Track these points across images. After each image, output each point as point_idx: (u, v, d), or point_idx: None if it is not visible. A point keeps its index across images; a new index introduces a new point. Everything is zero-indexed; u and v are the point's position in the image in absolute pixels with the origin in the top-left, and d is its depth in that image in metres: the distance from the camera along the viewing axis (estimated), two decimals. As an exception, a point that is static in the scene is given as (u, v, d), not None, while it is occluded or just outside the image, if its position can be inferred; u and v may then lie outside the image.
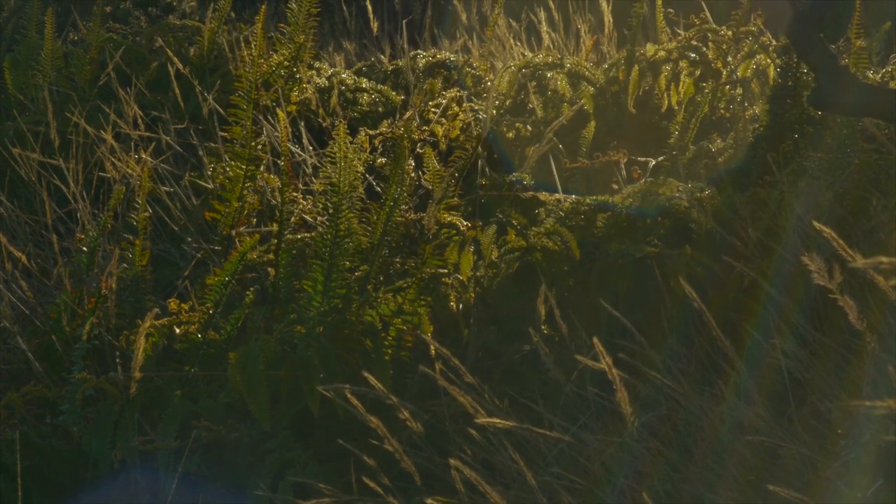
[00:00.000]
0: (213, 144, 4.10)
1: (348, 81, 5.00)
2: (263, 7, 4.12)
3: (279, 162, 3.63)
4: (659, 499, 2.64)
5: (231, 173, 3.69)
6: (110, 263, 3.39)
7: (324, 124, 4.69)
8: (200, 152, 4.19)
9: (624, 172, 4.26)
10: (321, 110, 4.74)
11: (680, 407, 2.83)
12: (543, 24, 5.90)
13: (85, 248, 3.52)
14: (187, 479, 3.04)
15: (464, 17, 6.75)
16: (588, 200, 3.83)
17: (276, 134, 3.89)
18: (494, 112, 4.74)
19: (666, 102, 4.84)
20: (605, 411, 2.99)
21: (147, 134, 4.32)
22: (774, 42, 4.82)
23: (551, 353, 2.94)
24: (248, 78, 3.75)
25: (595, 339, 2.51)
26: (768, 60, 4.77)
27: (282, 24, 4.72)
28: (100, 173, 4.11)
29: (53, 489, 3.21)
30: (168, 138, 4.31)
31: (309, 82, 4.80)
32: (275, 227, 3.59)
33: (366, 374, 2.74)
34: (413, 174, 3.76)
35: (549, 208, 3.85)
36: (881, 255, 2.26)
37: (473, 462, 2.71)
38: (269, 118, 4.18)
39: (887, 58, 4.75)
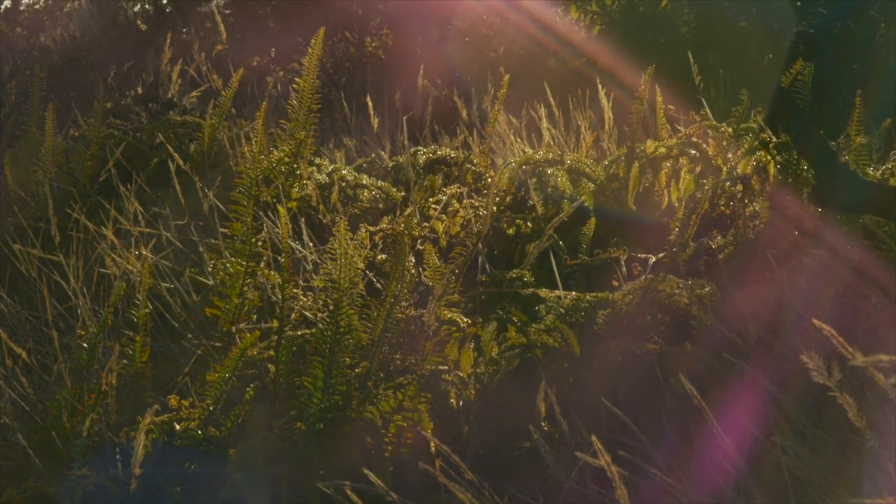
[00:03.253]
0: (213, 240, 4.15)
1: (349, 178, 5.08)
2: (264, 103, 4.24)
3: (280, 258, 3.70)
4: None
5: (231, 269, 3.76)
6: (110, 359, 3.44)
7: (324, 220, 4.77)
8: (201, 248, 4.24)
9: (624, 269, 4.31)
10: (322, 206, 4.82)
11: (680, 504, 2.89)
12: (544, 120, 6.00)
13: (85, 344, 3.55)
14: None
15: (464, 113, 6.86)
16: (588, 297, 3.89)
17: (277, 230, 3.97)
18: (495, 208, 4.81)
19: (666, 199, 4.90)
20: (605, 509, 3.04)
21: (147, 230, 4.38)
22: (775, 139, 4.89)
23: (551, 450, 2.99)
24: (248, 174, 3.83)
25: (594, 437, 2.57)
26: (768, 157, 4.84)
27: (282, 121, 4.83)
28: (100, 269, 4.18)
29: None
30: (168, 234, 4.37)
31: (309, 178, 4.88)
32: (275, 324, 3.65)
33: (366, 471, 2.78)
34: (413, 271, 3.83)
35: (550, 305, 3.90)
36: (881, 353, 2.33)
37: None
38: (270, 214, 4.25)
39: (887, 154, 4.84)
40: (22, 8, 8.29)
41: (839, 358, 2.43)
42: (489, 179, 5.14)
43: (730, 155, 4.92)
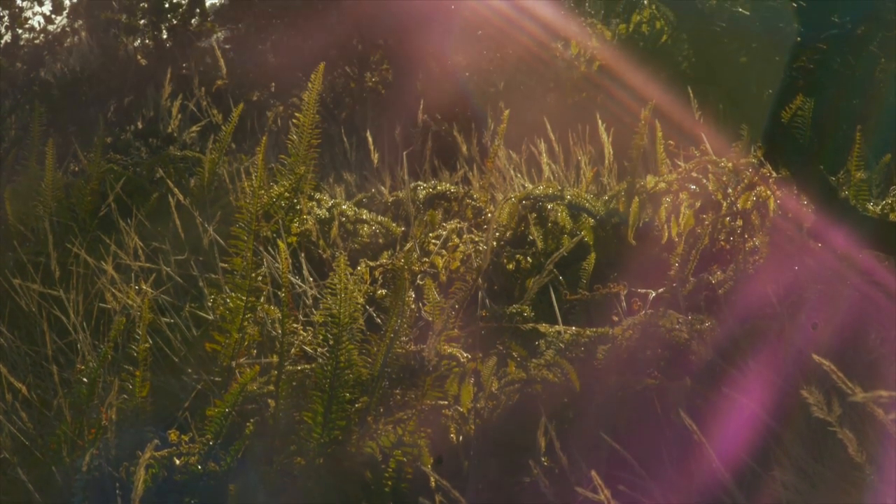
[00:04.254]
0: (213, 275, 4.19)
1: (349, 212, 5.11)
2: (264, 138, 4.27)
3: (280, 293, 3.73)
4: None
5: (231, 304, 3.79)
6: (110, 394, 3.46)
7: (324, 255, 4.80)
8: (201, 283, 4.27)
9: (624, 304, 4.33)
10: (322, 241, 4.85)
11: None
12: (544, 155, 6.04)
13: (85, 379, 3.57)
14: None
15: (464, 148, 6.90)
16: (588, 332, 3.92)
17: (277, 265, 3.99)
18: (495, 243, 4.84)
19: (666, 234, 4.90)
20: (605, 543, 3.05)
21: (147, 265, 4.41)
22: (775, 174, 4.91)
23: (551, 485, 3.00)
24: (248, 209, 3.87)
25: (593, 472, 2.59)
26: (768, 192, 4.85)
27: (282, 156, 4.86)
28: (100, 304, 4.20)
29: None
30: (168, 269, 4.39)
31: (309, 213, 4.91)
32: (275, 359, 3.68)
33: (366, 506, 2.81)
34: (413, 306, 3.85)
35: (550, 340, 3.92)
36: (881, 388, 2.36)
37: None
38: (270, 249, 4.28)
39: (887, 189, 4.86)
40: (22, 43, 8.36)
41: (839, 393, 2.46)
42: (489, 214, 5.18)
43: (730, 190, 4.94)
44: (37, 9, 8.59)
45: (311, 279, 4.30)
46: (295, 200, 4.81)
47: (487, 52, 10.14)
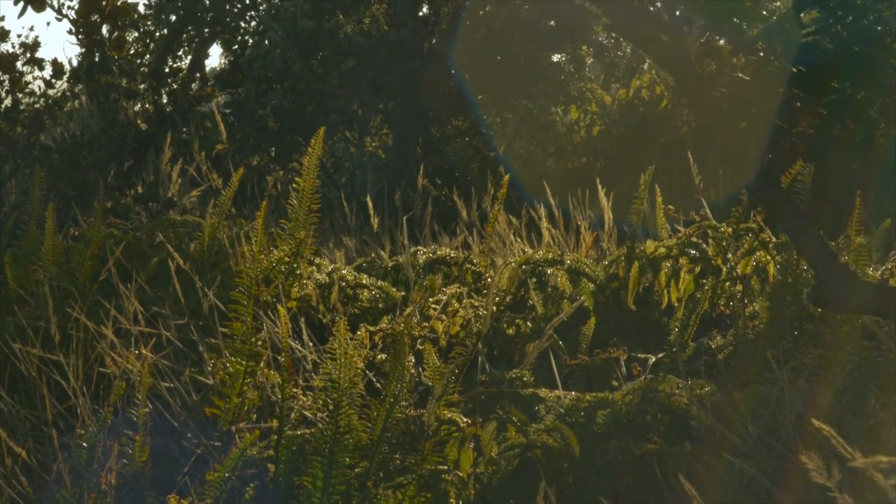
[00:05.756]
0: (213, 340, 4.21)
1: (349, 277, 5.15)
2: (264, 203, 4.33)
3: (279, 358, 3.77)
4: None
5: (231, 369, 3.83)
6: (110, 459, 3.48)
7: (324, 320, 4.83)
8: (201, 348, 4.28)
9: (624, 369, 4.35)
10: (321, 306, 4.88)
11: None
12: (544, 220, 6.09)
13: (85, 444, 3.60)
14: None
15: (464, 213, 6.95)
16: (588, 397, 3.96)
17: (277, 330, 4.02)
18: (494, 308, 4.88)
19: (666, 299, 4.96)
20: None
21: (147, 329, 4.43)
22: (774, 239, 4.95)
23: (551, 549, 3.04)
24: (248, 274, 3.93)
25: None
26: (768, 257, 4.88)
27: (282, 220, 4.90)
28: (100, 369, 4.22)
29: None
30: (168, 334, 4.40)
31: (309, 278, 4.95)
32: (275, 423, 3.71)
33: (366, 571, 2.84)
34: (413, 370, 3.90)
35: (549, 405, 3.96)
36: (880, 453, 2.40)
37: None
38: (270, 314, 4.31)
39: (887, 255, 4.90)
40: (22, 107, 8.44)
41: (839, 458, 2.49)
42: (489, 279, 5.21)
43: (729, 255, 4.97)
44: (37, 73, 8.66)
45: (310, 344, 4.31)
46: (295, 265, 4.84)
47: (488, 118, 10.24)
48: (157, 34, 10.71)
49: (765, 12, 7.12)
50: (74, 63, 9.11)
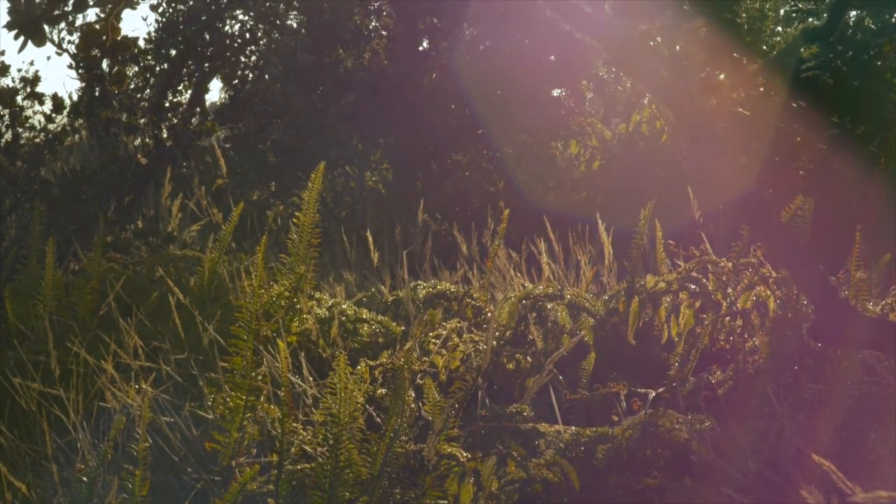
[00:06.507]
0: (213, 374, 4.23)
1: (349, 312, 5.17)
2: (264, 237, 4.35)
3: (279, 392, 3.79)
4: None
5: (231, 403, 3.84)
6: (110, 494, 3.49)
7: (324, 355, 4.84)
8: (201, 382, 4.30)
9: (624, 404, 4.37)
10: (321, 341, 4.90)
11: None
12: (544, 255, 6.11)
13: (85, 479, 3.61)
14: None
15: (464, 247, 6.97)
16: (588, 432, 3.98)
17: (277, 364, 4.04)
18: (494, 343, 4.89)
19: (666, 334, 4.98)
20: None
21: (147, 364, 4.45)
22: (774, 274, 4.97)
23: (551, 584, 3.06)
24: (248, 308, 3.94)
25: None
26: (768, 292, 4.90)
27: (282, 255, 4.92)
28: (100, 403, 4.24)
29: None
30: (168, 368, 4.41)
31: (309, 313, 4.97)
32: (275, 458, 3.72)
33: None
34: (413, 405, 3.91)
35: (550, 439, 3.98)
36: (881, 488, 2.42)
37: None
38: (270, 348, 4.33)
39: (887, 289, 4.92)
40: (22, 142, 8.47)
41: (839, 493, 2.51)
42: (489, 314, 5.23)
43: (730, 290, 4.99)
44: (37, 107, 8.70)
45: (310, 378, 4.33)
46: (295, 300, 4.86)
47: (487, 152, 10.28)
48: (157, 69, 10.76)
49: (765, 47, 7.18)
50: (75, 97, 9.14)
